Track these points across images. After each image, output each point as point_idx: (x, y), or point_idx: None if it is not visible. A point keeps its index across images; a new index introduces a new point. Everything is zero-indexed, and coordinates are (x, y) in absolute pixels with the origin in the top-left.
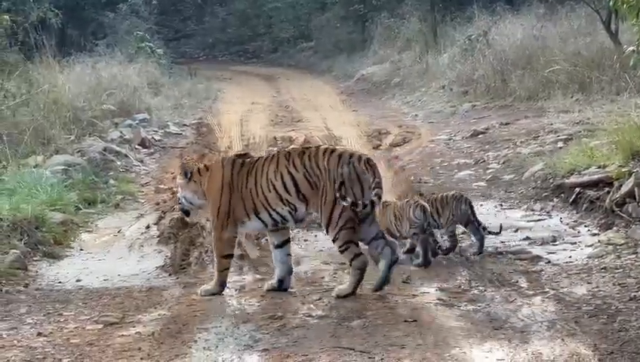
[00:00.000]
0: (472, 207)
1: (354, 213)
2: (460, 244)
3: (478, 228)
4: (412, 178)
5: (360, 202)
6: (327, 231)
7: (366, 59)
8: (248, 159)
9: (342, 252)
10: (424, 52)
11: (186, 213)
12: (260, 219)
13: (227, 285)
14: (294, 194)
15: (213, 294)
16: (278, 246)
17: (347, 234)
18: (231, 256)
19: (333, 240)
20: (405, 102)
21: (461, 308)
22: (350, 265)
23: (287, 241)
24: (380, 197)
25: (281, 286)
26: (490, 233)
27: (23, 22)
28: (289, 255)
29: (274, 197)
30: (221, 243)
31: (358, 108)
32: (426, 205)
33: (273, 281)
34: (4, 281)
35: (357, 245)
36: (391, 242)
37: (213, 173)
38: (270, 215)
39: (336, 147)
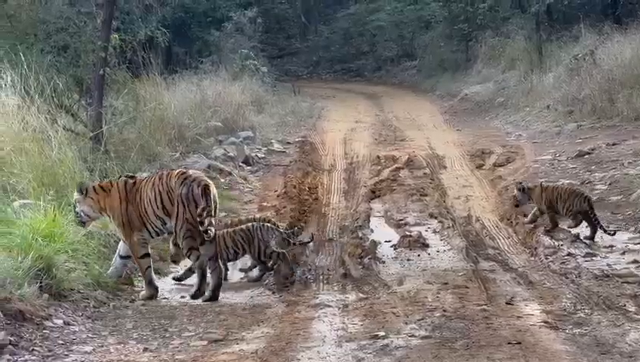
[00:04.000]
0: None
1: (194, 226)
2: (567, 265)
3: None
4: None
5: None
6: (177, 238)
7: (470, 78)
8: (137, 180)
9: (188, 256)
10: (529, 71)
11: (83, 224)
12: (146, 229)
13: (330, 303)
14: (161, 210)
15: (151, 297)
16: (121, 257)
17: (189, 242)
18: (147, 255)
19: (181, 247)
20: (509, 121)
21: (566, 331)
22: (194, 265)
23: (129, 258)
24: (208, 223)
25: None
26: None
27: (132, 40)
28: (126, 266)
29: (151, 211)
30: (134, 247)
31: (461, 128)
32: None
33: None
34: (111, 296)
35: (197, 250)
36: (219, 267)
37: (112, 192)
38: (151, 226)
39: (188, 171)
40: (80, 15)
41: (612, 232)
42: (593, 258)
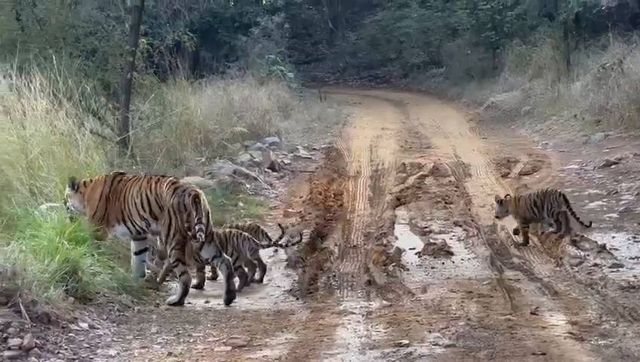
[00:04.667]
0: None
1: (184, 238)
2: (592, 276)
3: None
4: None
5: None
6: (165, 247)
7: (496, 86)
8: (125, 177)
9: (173, 267)
10: (556, 80)
11: (72, 219)
12: (126, 226)
13: (354, 310)
14: (148, 212)
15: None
16: (135, 254)
17: (177, 253)
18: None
19: (169, 256)
20: (535, 130)
21: (592, 342)
22: (178, 278)
23: (145, 250)
24: (202, 231)
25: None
26: None
27: (159, 45)
28: (144, 261)
29: (135, 212)
30: (95, 237)
31: (487, 136)
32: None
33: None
34: (136, 300)
35: (184, 264)
36: (227, 259)
37: (95, 184)
38: (132, 225)
39: (179, 180)
40: (109, 19)
41: (588, 224)
42: (619, 269)
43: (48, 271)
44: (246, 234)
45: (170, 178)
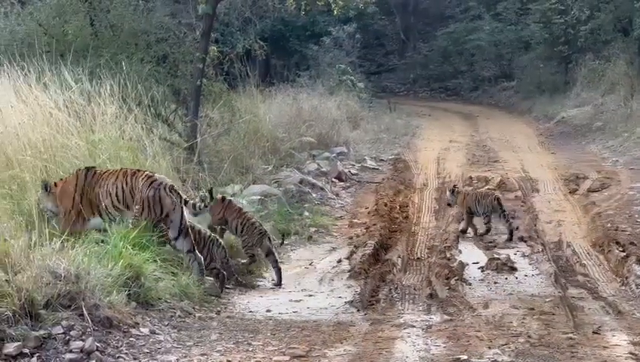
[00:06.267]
0: None
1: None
2: None
3: None
4: (609, 225)
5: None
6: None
7: (567, 101)
8: (97, 171)
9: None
10: (629, 96)
11: (48, 220)
12: (101, 217)
13: (414, 324)
14: (122, 203)
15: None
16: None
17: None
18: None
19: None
20: (606, 146)
21: None
22: None
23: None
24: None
25: None
26: None
27: (229, 53)
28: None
29: (109, 203)
30: (64, 226)
31: (556, 151)
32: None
33: None
34: (197, 307)
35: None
36: (199, 257)
37: (67, 182)
38: (107, 215)
39: (155, 174)
40: (180, 26)
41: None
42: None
43: (111, 276)
44: (222, 242)
45: (147, 172)
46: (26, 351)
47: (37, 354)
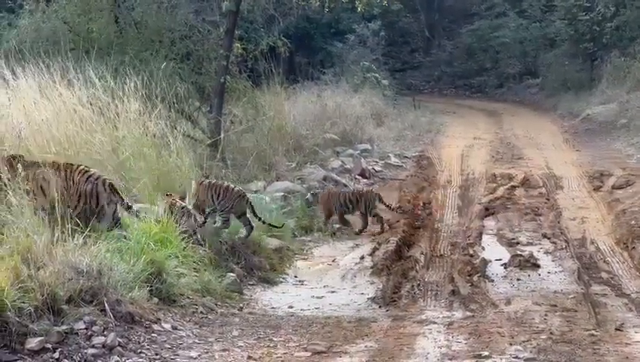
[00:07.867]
0: None
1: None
2: None
3: None
4: (633, 222)
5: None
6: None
7: (593, 99)
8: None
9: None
10: None
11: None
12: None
13: (436, 320)
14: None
15: None
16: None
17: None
18: None
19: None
20: (631, 143)
21: None
22: None
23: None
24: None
25: None
26: None
27: (254, 50)
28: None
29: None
30: None
31: (581, 148)
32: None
33: None
34: (219, 303)
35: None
36: None
37: None
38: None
39: (91, 169)
40: (204, 23)
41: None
42: None
43: (133, 272)
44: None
45: (83, 166)
46: (49, 346)
47: (59, 349)
